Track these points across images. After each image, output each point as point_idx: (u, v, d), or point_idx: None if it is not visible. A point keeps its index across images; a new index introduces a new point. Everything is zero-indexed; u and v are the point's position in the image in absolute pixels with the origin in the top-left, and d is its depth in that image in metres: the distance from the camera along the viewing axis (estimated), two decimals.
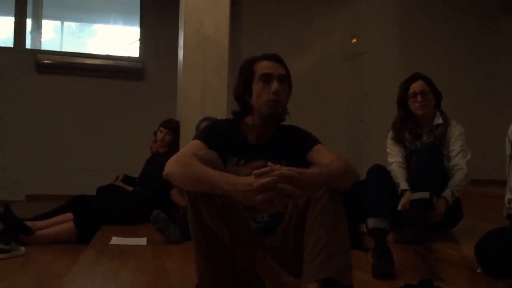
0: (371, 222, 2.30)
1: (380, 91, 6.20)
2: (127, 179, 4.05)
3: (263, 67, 1.68)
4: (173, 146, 3.87)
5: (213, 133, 1.67)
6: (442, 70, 6.25)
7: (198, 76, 3.66)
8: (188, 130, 3.76)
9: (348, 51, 6.83)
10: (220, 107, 3.59)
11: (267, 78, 1.66)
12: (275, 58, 1.71)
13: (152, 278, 2.04)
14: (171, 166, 1.48)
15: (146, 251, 2.60)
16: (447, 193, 2.39)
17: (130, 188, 3.87)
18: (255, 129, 1.70)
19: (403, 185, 2.47)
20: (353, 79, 6.83)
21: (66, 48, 7.34)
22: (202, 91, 3.61)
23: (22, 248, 3.09)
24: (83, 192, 6.31)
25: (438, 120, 2.58)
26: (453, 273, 2.05)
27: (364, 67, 6.53)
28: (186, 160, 1.47)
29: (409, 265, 2.31)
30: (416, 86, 2.58)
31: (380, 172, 2.45)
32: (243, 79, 1.70)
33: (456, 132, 2.54)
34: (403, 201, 2.37)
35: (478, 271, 1.74)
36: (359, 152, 6.40)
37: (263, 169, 1.32)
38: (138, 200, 3.70)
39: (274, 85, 1.65)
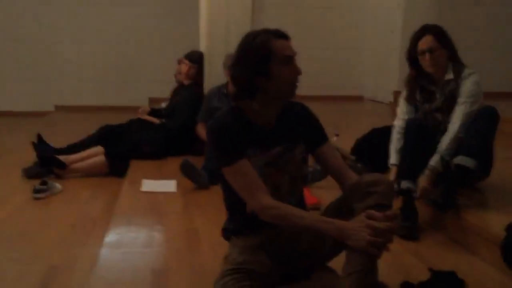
0: (404, 185, 2.30)
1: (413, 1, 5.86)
2: (152, 111, 4.07)
3: (283, 48, 1.57)
4: (198, 78, 3.82)
5: (232, 141, 1.54)
6: None
7: (222, 7, 3.48)
8: (212, 63, 3.68)
9: None
10: None
11: (289, 60, 1.58)
12: (287, 37, 1.62)
13: (184, 243, 2.16)
14: (262, 215, 1.50)
15: (176, 202, 2.69)
16: (434, 160, 2.31)
17: (157, 121, 3.90)
18: (265, 113, 1.61)
19: (392, 158, 2.49)
20: None
21: None
22: (226, 24, 3.45)
23: (58, 186, 3.24)
24: (109, 103, 6.51)
25: (449, 75, 2.45)
26: (478, 242, 2.08)
27: None
28: (276, 212, 1.49)
29: (434, 225, 2.35)
30: (423, 43, 2.41)
31: (418, 130, 2.39)
32: (257, 60, 1.54)
33: (466, 83, 2.40)
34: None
35: None
36: (389, 64, 6.22)
37: (377, 215, 1.41)
38: (166, 133, 3.76)
39: (298, 67, 1.60)
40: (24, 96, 6.65)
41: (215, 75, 3.68)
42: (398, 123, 2.57)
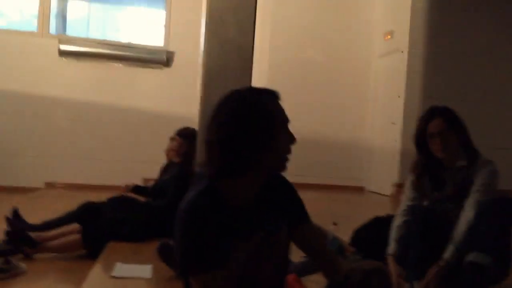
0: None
1: (413, 93, 5.84)
2: (137, 189, 3.82)
3: (282, 112, 1.33)
4: (188, 156, 3.62)
5: (211, 242, 1.22)
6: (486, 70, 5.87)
7: (220, 83, 3.37)
8: None
9: (382, 47, 6.43)
10: None
11: (288, 126, 1.34)
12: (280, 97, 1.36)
13: None
14: None
15: None
16: (449, 252, 2.05)
17: (142, 199, 3.64)
18: (246, 192, 1.32)
19: (390, 247, 2.26)
20: (386, 78, 6.44)
21: (92, 28, 7.15)
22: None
23: (23, 266, 2.92)
24: (99, 182, 6.30)
25: (462, 162, 2.25)
26: None
27: (396, 67, 6.12)
28: None
29: None
30: (433, 126, 2.24)
31: (424, 220, 2.15)
32: (262, 129, 1.24)
33: (482, 172, 2.19)
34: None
35: None
36: (390, 156, 6.06)
37: None
38: (149, 213, 3.48)
39: (293, 134, 1.33)
40: (14, 171, 6.48)
41: None
42: (401, 209, 2.32)
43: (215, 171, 1.30)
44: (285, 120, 1.33)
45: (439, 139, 2.22)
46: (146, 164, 6.38)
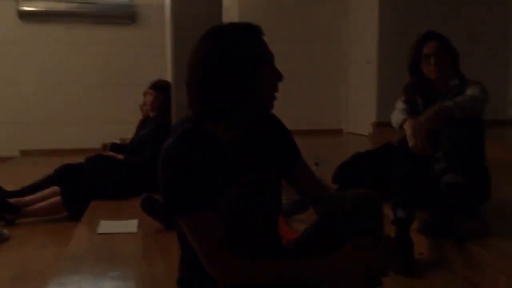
0: (400, 213, 2.03)
1: (387, 30, 5.76)
2: (115, 147, 3.75)
3: (264, 47, 1.24)
4: (164, 109, 3.53)
5: (197, 181, 1.15)
6: None
7: (189, 32, 3.25)
8: (181, 93, 3.41)
9: None
10: None
11: (273, 62, 1.27)
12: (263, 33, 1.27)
13: None
14: (224, 281, 1.17)
15: (136, 244, 2.35)
16: (446, 102, 2.09)
17: (120, 157, 3.58)
18: (234, 132, 1.26)
19: (400, 117, 2.24)
20: (358, 16, 6.34)
21: None
22: None
23: (6, 232, 2.89)
24: (75, 146, 6.19)
25: (454, 81, 2.29)
26: (488, 275, 1.78)
27: (368, 4, 6.01)
28: (241, 277, 1.16)
29: (434, 258, 2.05)
30: (428, 48, 2.27)
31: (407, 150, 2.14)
32: (245, 66, 1.17)
33: (472, 88, 2.21)
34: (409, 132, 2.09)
35: None
36: (367, 95, 6.07)
37: (367, 243, 1.17)
38: (129, 170, 3.42)
39: (277, 70, 1.26)
40: None
41: (183, 105, 3.40)
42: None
43: (196, 114, 1.24)
44: (268, 56, 1.25)
45: (434, 59, 2.24)
46: (122, 124, 6.26)
